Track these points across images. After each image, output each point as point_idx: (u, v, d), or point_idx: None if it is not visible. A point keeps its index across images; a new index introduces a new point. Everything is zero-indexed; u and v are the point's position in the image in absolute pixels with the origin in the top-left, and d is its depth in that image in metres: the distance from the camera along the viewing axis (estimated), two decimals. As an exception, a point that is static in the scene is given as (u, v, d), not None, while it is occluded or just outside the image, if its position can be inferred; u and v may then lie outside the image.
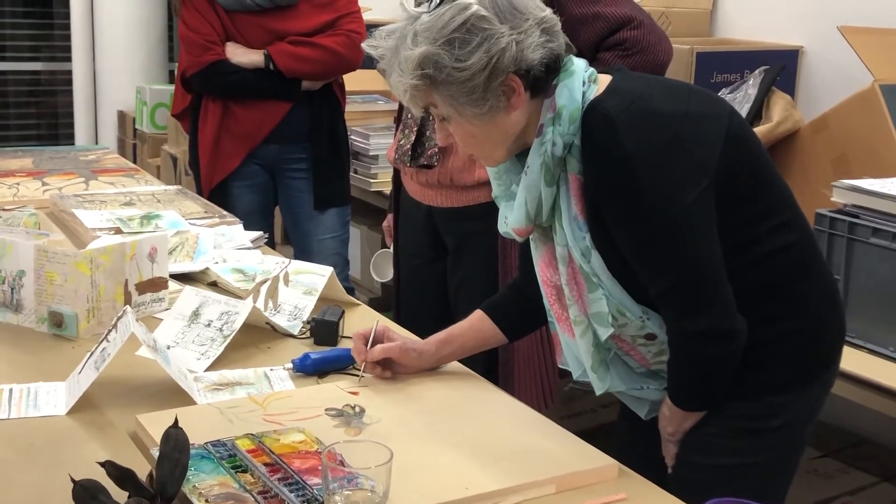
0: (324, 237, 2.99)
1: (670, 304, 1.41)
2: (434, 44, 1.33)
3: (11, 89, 6.33)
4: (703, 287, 1.38)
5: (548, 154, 1.38)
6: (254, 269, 2.07)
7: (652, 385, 1.51)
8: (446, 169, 2.24)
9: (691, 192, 1.34)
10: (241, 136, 2.89)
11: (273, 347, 1.76)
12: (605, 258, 1.41)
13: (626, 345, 1.47)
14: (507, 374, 2.24)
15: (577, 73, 1.38)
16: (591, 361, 1.47)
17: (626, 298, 1.42)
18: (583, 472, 1.33)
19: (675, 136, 1.34)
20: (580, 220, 1.40)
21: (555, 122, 1.36)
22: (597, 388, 1.50)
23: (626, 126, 1.33)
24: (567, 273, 1.44)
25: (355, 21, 2.91)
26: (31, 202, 2.56)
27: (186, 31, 2.87)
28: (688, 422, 1.49)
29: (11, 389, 1.53)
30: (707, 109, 1.40)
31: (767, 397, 1.47)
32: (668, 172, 1.33)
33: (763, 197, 1.43)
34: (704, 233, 1.36)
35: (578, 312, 1.45)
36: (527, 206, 1.42)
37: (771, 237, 1.42)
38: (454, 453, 1.35)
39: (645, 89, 1.40)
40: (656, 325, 1.44)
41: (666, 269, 1.38)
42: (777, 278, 1.44)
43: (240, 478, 1.25)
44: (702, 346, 1.40)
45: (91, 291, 1.76)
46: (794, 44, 3.13)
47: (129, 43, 5.43)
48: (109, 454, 1.30)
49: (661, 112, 1.35)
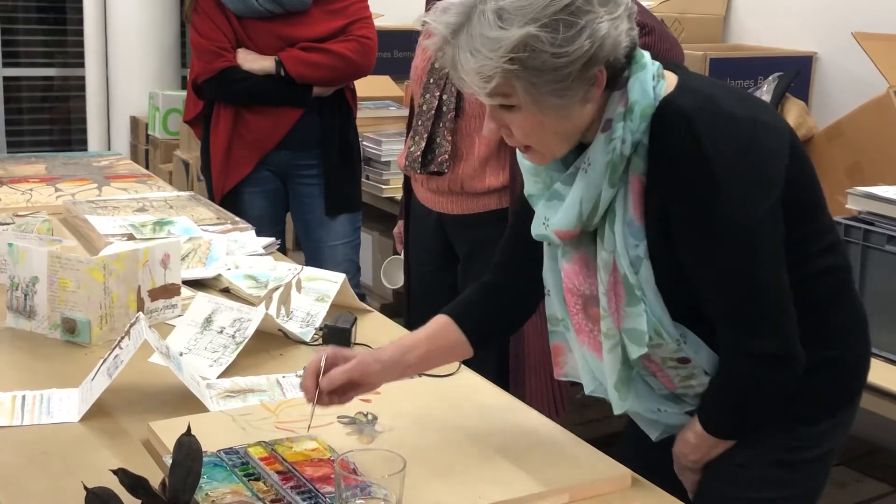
0: (335, 243, 2.99)
1: (734, 322, 1.31)
2: (535, 24, 1.19)
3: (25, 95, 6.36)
4: (773, 305, 1.30)
5: (616, 152, 1.27)
6: (266, 276, 2.07)
7: (671, 409, 1.41)
8: (457, 176, 2.24)
9: (765, 201, 1.26)
10: (253, 142, 2.90)
11: (285, 354, 1.76)
12: (656, 270, 1.31)
13: (654, 366, 1.38)
14: (518, 382, 2.23)
15: (647, 66, 1.28)
16: (615, 379, 1.37)
17: (666, 318, 1.33)
18: (596, 481, 1.32)
19: (751, 142, 1.26)
20: (637, 226, 1.30)
21: (626, 117, 1.26)
22: (616, 408, 1.40)
23: (704, 126, 1.24)
24: (608, 282, 1.33)
25: (367, 27, 2.91)
26: (44, 208, 2.57)
27: (198, 38, 2.87)
28: (715, 451, 1.40)
29: (24, 396, 1.54)
30: (772, 119, 1.33)
31: (800, 428, 1.40)
32: (744, 178, 1.25)
33: (816, 217, 1.36)
34: (776, 248, 1.29)
35: (611, 326, 1.34)
36: (581, 207, 1.31)
37: (817, 259, 1.36)
38: (467, 462, 1.35)
39: (713, 89, 1.31)
40: (692, 350, 1.34)
41: (733, 284, 1.29)
42: (816, 303, 1.37)
43: (252, 486, 1.25)
44: (765, 369, 1.31)
45: (104, 298, 1.76)
46: (808, 50, 3.12)
47: (141, 49, 5.44)
48: (122, 461, 1.30)
49: (736, 116, 1.27)
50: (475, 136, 2.22)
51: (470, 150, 2.22)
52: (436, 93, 2.23)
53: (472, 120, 2.22)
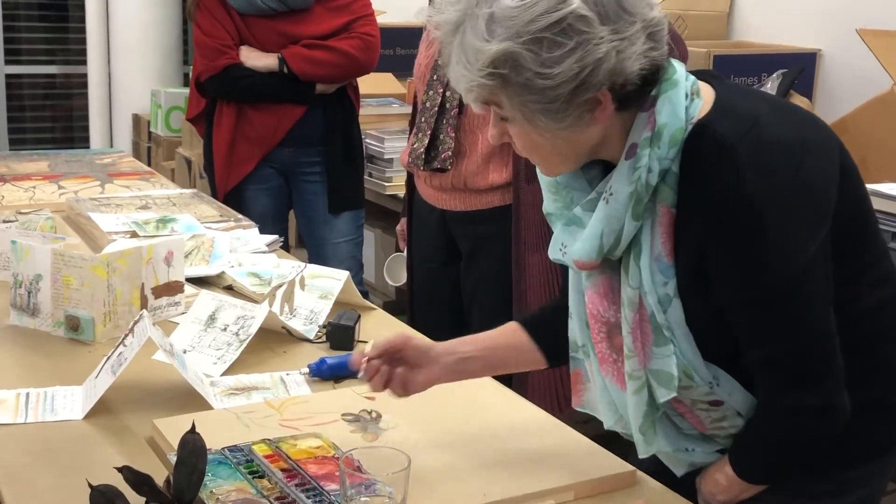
0: (338, 240, 2.99)
1: (775, 372, 1.20)
2: (517, 40, 1.08)
3: (27, 92, 6.36)
4: (819, 356, 1.18)
5: (642, 182, 1.14)
6: (269, 273, 2.07)
7: (700, 448, 1.30)
8: (460, 172, 2.24)
9: (816, 236, 1.14)
10: (256, 139, 2.90)
11: (289, 352, 1.76)
12: (687, 310, 1.19)
13: (684, 407, 1.27)
14: (521, 378, 2.23)
15: (679, 83, 1.15)
16: (641, 422, 1.26)
17: (698, 360, 1.21)
18: (601, 478, 1.32)
19: (800, 172, 1.12)
20: (665, 262, 1.18)
21: (653, 143, 1.13)
22: (641, 451, 1.29)
23: (747, 158, 1.10)
24: (633, 320, 1.21)
25: (369, 24, 2.91)
26: (47, 205, 2.57)
27: (201, 36, 2.87)
28: (747, 493, 1.28)
29: (28, 394, 1.53)
30: (819, 136, 1.19)
31: (833, 472, 1.28)
32: (794, 217, 1.12)
33: (865, 245, 1.23)
34: (825, 291, 1.17)
35: (637, 366, 1.22)
36: (602, 240, 1.19)
37: (869, 294, 1.24)
38: (472, 459, 1.34)
39: (757, 109, 1.16)
40: (725, 392, 1.23)
41: (778, 332, 1.17)
42: (865, 341, 1.24)
43: (257, 483, 1.25)
44: (805, 421, 1.20)
45: (107, 295, 1.76)
46: (812, 47, 3.12)
47: (144, 46, 5.44)
48: (126, 459, 1.30)
49: (783, 141, 1.13)
50: (478, 133, 2.22)
51: (473, 147, 2.22)
52: (439, 89, 2.23)
53: (476, 117, 2.21)
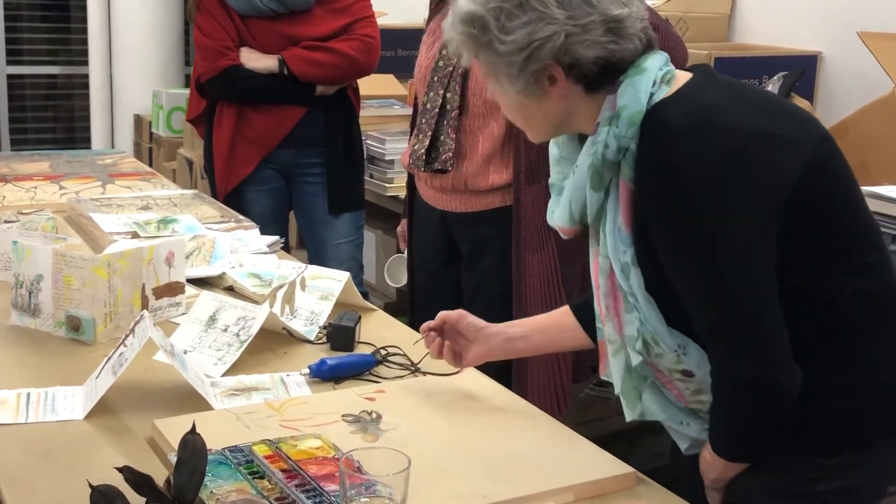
0: (338, 242, 3.00)
1: (713, 341, 1.26)
2: (486, 6, 1.26)
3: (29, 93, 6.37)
4: (751, 327, 1.23)
5: (598, 156, 1.26)
6: (270, 274, 2.07)
7: (693, 423, 1.36)
8: (460, 174, 2.24)
9: (751, 219, 1.20)
10: (256, 141, 2.90)
11: (289, 353, 1.76)
12: (647, 278, 1.28)
13: (664, 377, 1.34)
14: (521, 379, 2.23)
15: (647, 71, 1.25)
16: (621, 385, 1.35)
17: (662, 327, 1.29)
18: (601, 480, 1.32)
19: (742, 155, 1.19)
20: (624, 233, 1.28)
21: (612, 121, 1.24)
22: (626, 415, 1.38)
23: (685, 137, 1.19)
24: (606, 286, 1.32)
25: (370, 25, 2.91)
26: (48, 206, 2.57)
27: (201, 37, 2.87)
28: (731, 471, 1.34)
29: (29, 394, 1.54)
30: (789, 132, 1.24)
31: (815, 458, 1.31)
32: (727, 195, 1.19)
33: (842, 235, 1.27)
34: (760, 267, 1.22)
35: (612, 331, 1.34)
36: (571, 207, 1.33)
37: (842, 280, 1.27)
38: (472, 460, 1.35)
39: (721, 98, 1.25)
40: (693, 363, 1.30)
41: (713, 302, 1.24)
42: (843, 328, 1.28)
43: (257, 484, 1.25)
44: (745, 392, 1.26)
45: (108, 296, 1.76)
46: (813, 49, 3.12)
47: (145, 47, 5.45)
48: (127, 459, 1.30)
49: (731, 126, 1.21)
50: (479, 134, 2.22)
51: (474, 148, 2.23)
52: (440, 91, 2.23)
53: (476, 118, 2.22)
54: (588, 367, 2.45)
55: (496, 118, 2.19)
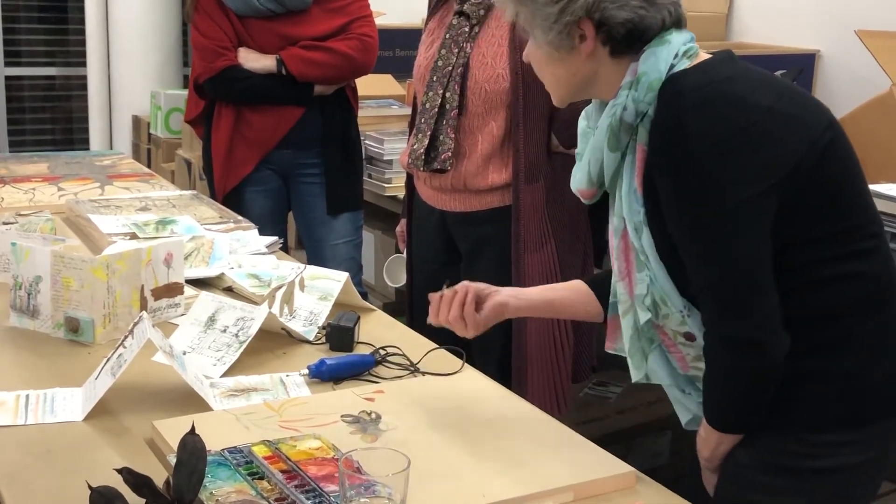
0: (336, 242, 2.99)
1: (707, 301, 1.33)
2: None
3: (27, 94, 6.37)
4: (742, 289, 1.29)
5: (616, 117, 1.33)
6: (269, 275, 2.07)
7: (693, 393, 1.43)
8: (459, 173, 2.24)
9: (749, 189, 1.26)
10: (255, 141, 2.90)
11: (289, 353, 1.76)
12: (655, 238, 1.35)
13: (668, 340, 1.40)
14: (521, 380, 2.23)
15: (671, 44, 1.33)
16: (629, 345, 1.42)
17: (669, 286, 1.35)
18: (601, 479, 1.32)
19: (748, 128, 1.25)
20: (638, 193, 1.35)
21: (632, 86, 1.32)
22: (633, 375, 1.44)
23: (695, 105, 1.26)
24: (619, 246, 1.39)
25: (367, 25, 2.91)
26: (47, 207, 2.57)
27: (199, 38, 2.87)
28: (722, 446, 1.39)
29: (28, 395, 1.54)
30: (797, 111, 1.30)
31: (804, 435, 1.35)
32: (728, 163, 1.25)
33: (841, 218, 1.31)
34: (753, 234, 1.28)
35: (623, 291, 1.40)
36: (589, 168, 1.40)
37: (840, 263, 1.31)
38: (471, 460, 1.35)
39: (737, 75, 1.32)
40: (696, 326, 1.36)
41: (706, 262, 1.30)
42: (837, 309, 1.32)
43: (256, 485, 1.25)
44: (733, 354, 1.31)
45: (107, 297, 1.76)
46: (810, 48, 3.12)
47: (143, 48, 5.45)
48: (126, 460, 1.30)
49: (741, 99, 1.27)
50: (478, 134, 2.22)
51: (473, 148, 2.22)
52: (438, 90, 2.23)
53: (476, 117, 2.22)
54: (588, 368, 2.45)
55: (495, 118, 2.20)
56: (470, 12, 2.23)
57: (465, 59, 2.20)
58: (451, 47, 2.23)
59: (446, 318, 1.53)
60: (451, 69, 2.21)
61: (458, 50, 2.22)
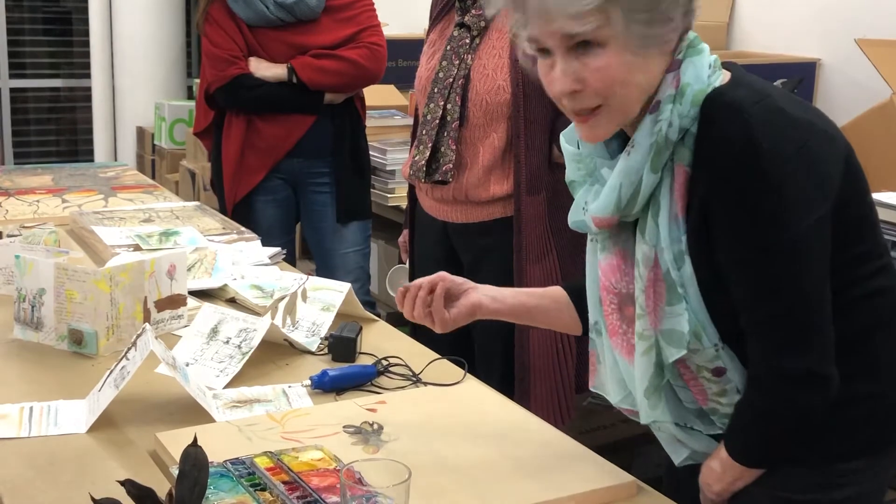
0: (346, 251, 3.01)
1: (767, 335, 1.22)
2: None
3: (31, 106, 6.39)
4: (810, 322, 1.21)
5: (661, 134, 1.21)
6: (272, 286, 2.08)
7: (698, 426, 1.34)
8: (461, 185, 2.24)
9: (816, 210, 1.18)
10: (265, 150, 2.92)
11: (291, 364, 1.76)
12: (696, 269, 1.24)
13: (689, 374, 1.30)
14: (524, 391, 2.23)
15: (704, 52, 1.24)
16: (646, 385, 1.30)
17: (706, 318, 1.25)
18: (602, 489, 1.32)
19: (807, 144, 1.19)
20: (680, 219, 1.23)
21: (675, 99, 1.21)
22: (644, 417, 1.33)
23: (760, 120, 1.17)
24: (648, 278, 1.26)
25: (376, 34, 2.94)
26: (50, 219, 2.58)
27: (210, 47, 2.89)
28: (739, 481, 1.31)
29: (32, 407, 1.54)
30: (828, 127, 1.25)
31: (828, 465, 1.29)
32: (798, 181, 1.17)
33: (867, 236, 1.28)
34: (822, 261, 1.20)
35: (647, 326, 1.27)
36: (620, 192, 1.25)
37: (863, 284, 1.27)
38: (472, 471, 1.35)
39: (770, 89, 1.24)
40: (728, 359, 1.27)
41: (773, 292, 1.20)
42: (863, 330, 1.28)
43: (258, 496, 1.26)
44: (794, 389, 1.22)
45: (110, 309, 1.77)
46: (811, 56, 3.12)
47: (147, 59, 5.47)
48: (129, 472, 1.30)
49: (793, 116, 1.20)
50: (479, 146, 2.23)
51: (474, 159, 2.23)
52: (440, 102, 2.24)
53: (477, 129, 2.22)
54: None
55: (496, 129, 2.20)
56: (471, 24, 2.24)
57: (466, 71, 2.21)
58: (452, 59, 2.24)
59: (410, 313, 1.47)
60: (452, 80, 2.22)
61: (459, 61, 2.23)
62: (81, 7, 5.85)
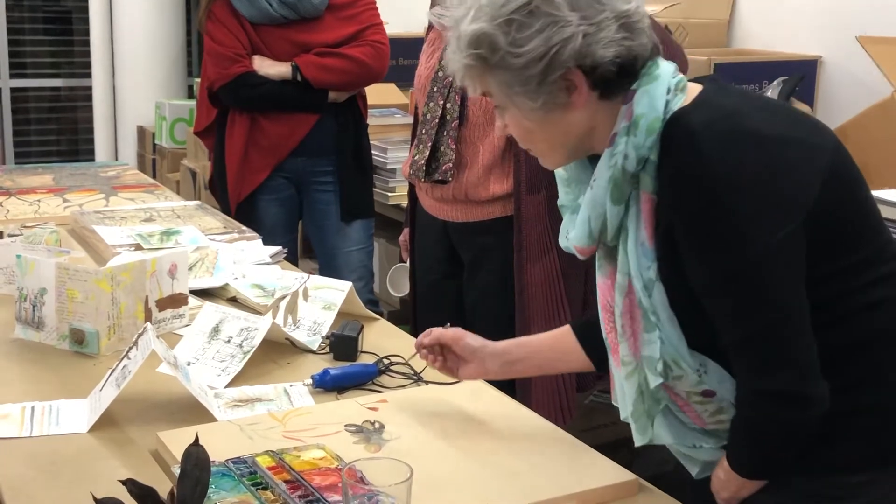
0: (350, 249, 3.01)
1: (744, 355, 1.22)
2: (491, 22, 1.20)
3: (32, 106, 6.39)
4: (784, 340, 1.19)
5: (618, 168, 1.21)
6: (273, 285, 2.08)
7: (707, 444, 1.31)
8: (461, 184, 2.24)
9: (782, 227, 1.16)
10: (269, 148, 2.91)
11: (292, 363, 1.76)
12: (669, 294, 1.23)
13: (681, 400, 1.29)
14: (525, 390, 2.23)
15: (661, 78, 1.22)
16: (633, 408, 1.30)
17: (683, 347, 1.24)
18: (603, 487, 1.32)
19: (771, 162, 1.16)
20: (647, 247, 1.23)
21: (629, 131, 1.21)
22: (636, 440, 1.33)
23: (712, 144, 1.16)
24: (623, 304, 1.27)
25: (379, 32, 2.94)
26: (51, 219, 2.58)
27: (213, 45, 2.88)
28: (745, 489, 1.29)
29: (34, 407, 1.54)
30: (811, 137, 1.22)
31: (834, 476, 1.27)
32: (757, 202, 1.15)
33: (862, 246, 1.24)
34: (792, 278, 1.18)
35: (628, 352, 1.28)
36: (590, 224, 1.26)
37: (863, 293, 1.24)
38: (474, 469, 1.35)
39: (741, 105, 1.22)
40: (715, 381, 1.25)
41: (744, 314, 1.19)
42: (861, 341, 1.25)
43: (260, 495, 1.26)
44: (774, 408, 1.21)
45: (112, 308, 1.77)
46: (812, 54, 3.12)
47: (148, 58, 5.47)
48: (131, 472, 1.30)
49: (757, 132, 1.18)
50: (479, 145, 2.23)
51: (474, 159, 2.23)
52: (439, 101, 2.24)
53: (476, 128, 2.22)
54: (593, 376, 2.45)
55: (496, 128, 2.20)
56: (471, 22, 2.23)
57: (466, 69, 2.21)
58: (452, 57, 2.23)
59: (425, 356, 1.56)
60: (451, 80, 2.22)
61: (460, 60, 2.22)
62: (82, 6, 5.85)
